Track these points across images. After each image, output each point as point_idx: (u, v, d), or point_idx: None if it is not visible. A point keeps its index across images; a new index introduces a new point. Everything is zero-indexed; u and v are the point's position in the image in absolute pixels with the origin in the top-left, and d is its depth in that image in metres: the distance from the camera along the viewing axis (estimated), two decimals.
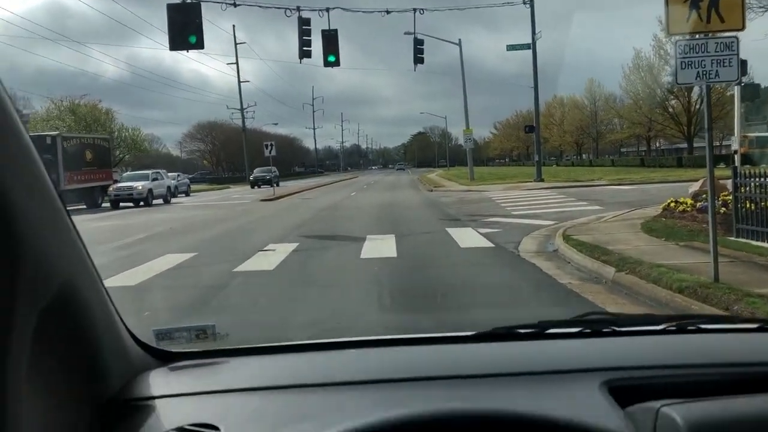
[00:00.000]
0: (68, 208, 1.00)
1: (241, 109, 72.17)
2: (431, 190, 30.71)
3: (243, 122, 71.10)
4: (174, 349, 1.42)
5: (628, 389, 1.15)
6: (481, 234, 12.02)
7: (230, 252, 10.93)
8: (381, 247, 10.65)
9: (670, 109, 50.42)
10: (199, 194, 41.27)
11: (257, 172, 50.21)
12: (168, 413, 1.13)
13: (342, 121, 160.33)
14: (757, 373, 1.22)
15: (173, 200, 31.67)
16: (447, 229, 13.09)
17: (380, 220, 16.16)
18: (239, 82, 71.46)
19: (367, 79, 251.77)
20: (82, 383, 1.07)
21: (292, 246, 11.16)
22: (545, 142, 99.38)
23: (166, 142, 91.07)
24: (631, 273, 7.32)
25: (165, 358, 1.37)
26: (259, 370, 1.35)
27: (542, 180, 29.98)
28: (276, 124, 73.77)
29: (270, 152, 30.28)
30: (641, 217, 12.82)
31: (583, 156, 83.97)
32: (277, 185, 41.22)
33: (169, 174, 36.17)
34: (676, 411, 0.96)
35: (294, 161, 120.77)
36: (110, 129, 46.60)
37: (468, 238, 11.63)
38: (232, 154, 77.84)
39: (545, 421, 0.72)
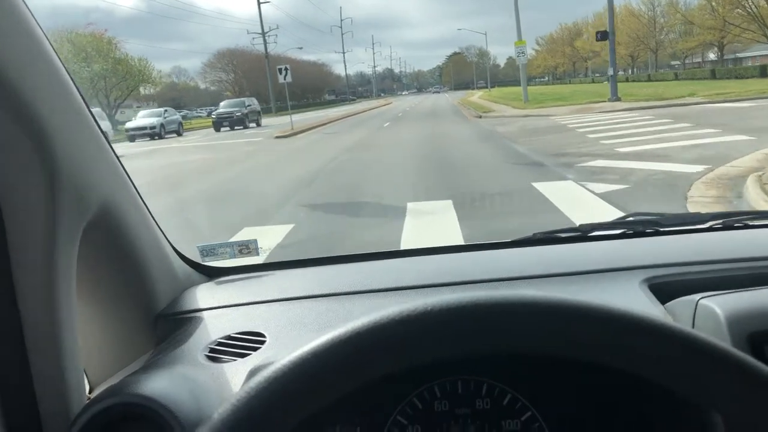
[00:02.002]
0: None
1: (263, 33, 66.62)
2: (480, 117, 25.48)
3: (265, 47, 65.56)
4: (219, 265, 1.45)
5: (669, 286, 1.13)
6: (599, 197, 7.09)
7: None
8: (434, 233, 5.89)
9: (753, 8, 43.13)
10: (209, 131, 35.80)
11: (223, 107, 33.82)
12: (216, 324, 1.17)
13: (373, 44, 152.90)
14: None
15: (162, 143, 26.29)
16: (534, 184, 8.13)
17: (424, 167, 11.29)
18: (259, 2, 65.58)
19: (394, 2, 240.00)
20: (131, 299, 1.12)
21: (282, 232, 6.44)
22: (594, 56, 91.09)
23: (194, 74, 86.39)
24: None
25: (210, 274, 1.42)
26: (301, 281, 1.37)
27: (619, 99, 24.35)
28: (301, 48, 67.98)
29: (285, 78, 25.20)
30: None
31: (635, 70, 76.28)
32: (258, 124, 32.57)
33: (155, 110, 30.88)
34: (715, 302, 0.94)
35: (323, 89, 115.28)
36: (114, 59, 41.87)
37: (583, 207, 6.72)
38: (256, 83, 72.69)
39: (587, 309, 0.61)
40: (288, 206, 8.22)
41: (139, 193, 1.14)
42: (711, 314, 0.93)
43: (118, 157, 1.06)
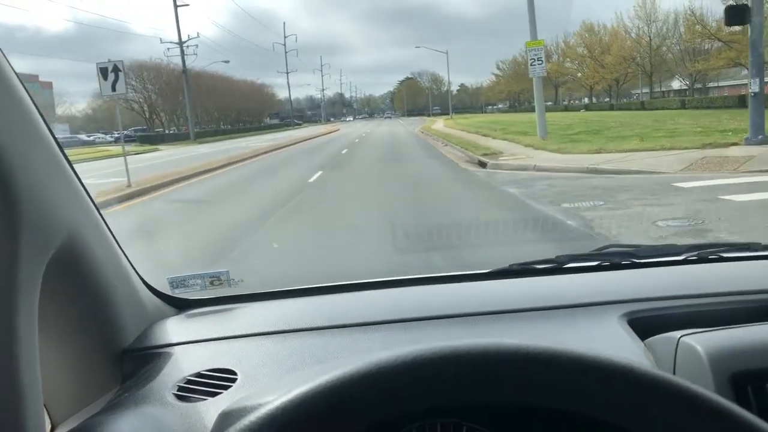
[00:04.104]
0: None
1: (180, 43, 53.93)
2: (484, 164, 13.90)
3: (183, 60, 52.58)
4: (189, 297, 1.40)
5: (648, 320, 1.13)
6: None
7: None
8: None
9: None
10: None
11: None
12: (185, 359, 1.12)
13: (321, 65, 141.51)
14: None
15: None
16: None
17: None
18: (176, 4, 53.07)
19: (338, 27, 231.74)
20: (97, 334, 1.06)
21: None
22: (569, 81, 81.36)
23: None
24: None
25: (180, 306, 1.37)
26: (274, 315, 1.33)
27: None
28: (227, 61, 55.21)
29: (114, 87, 12.71)
30: None
31: (614, 98, 66.62)
32: None
33: None
34: (696, 340, 0.93)
35: (264, 111, 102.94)
36: None
37: None
38: (175, 102, 59.81)
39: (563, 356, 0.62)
40: None
41: (106, 223, 1.08)
42: (692, 353, 0.92)
43: (83, 185, 1.01)
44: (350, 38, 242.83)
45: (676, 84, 62.63)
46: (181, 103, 56.79)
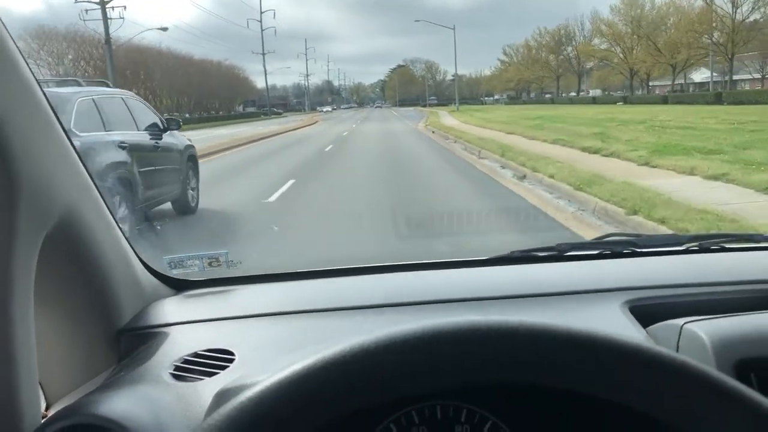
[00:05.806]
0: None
1: (102, 2, 39.64)
2: None
3: (105, 26, 38.62)
4: (187, 278, 1.39)
5: (650, 308, 1.13)
6: None
7: None
8: None
9: None
10: None
11: None
12: (183, 339, 1.12)
13: (306, 49, 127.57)
14: None
15: None
16: None
17: None
18: None
19: (324, 13, 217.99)
20: (93, 312, 1.06)
21: None
22: (602, 67, 67.95)
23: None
24: None
25: (178, 287, 1.36)
26: (273, 296, 1.33)
27: None
28: (165, 29, 40.89)
29: None
30: None
31: (647, 87, 53.24)
32: None
33: None
34: (699, 327, 0.93)
35: (236, 99, 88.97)
36: None
37: None
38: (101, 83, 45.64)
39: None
40: None
41: (104, 200, 1.08)
42: (696, 340, 0.91)
43: (82, 161, 1.01)
44: (337, 26, 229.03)
45: (697, 76, 49.83)
46: (116, 84, 43.05)
